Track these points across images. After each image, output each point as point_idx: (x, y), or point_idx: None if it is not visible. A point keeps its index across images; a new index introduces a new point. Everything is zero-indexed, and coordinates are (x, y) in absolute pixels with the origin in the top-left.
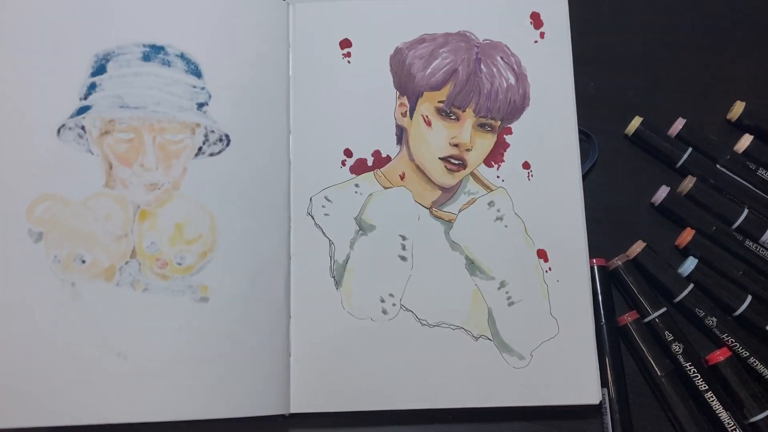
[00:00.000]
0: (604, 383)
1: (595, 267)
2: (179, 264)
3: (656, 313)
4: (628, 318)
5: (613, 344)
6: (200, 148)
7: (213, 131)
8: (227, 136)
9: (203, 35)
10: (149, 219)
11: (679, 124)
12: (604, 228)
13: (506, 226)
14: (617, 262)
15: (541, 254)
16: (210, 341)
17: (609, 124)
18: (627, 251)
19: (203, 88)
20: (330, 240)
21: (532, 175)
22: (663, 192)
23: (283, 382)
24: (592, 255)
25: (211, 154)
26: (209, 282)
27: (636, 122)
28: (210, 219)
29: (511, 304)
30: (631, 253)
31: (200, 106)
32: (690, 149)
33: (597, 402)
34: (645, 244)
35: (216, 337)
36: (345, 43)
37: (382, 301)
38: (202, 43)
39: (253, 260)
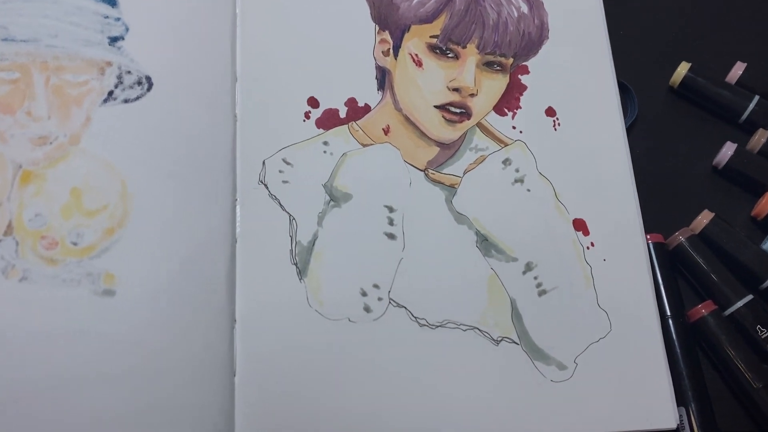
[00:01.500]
0: (680, 400)
1: (651, 245)
2: (75, 244)
3: (741, 302)
4: (702, 310)
5: (686, 346)
6: (111, 93)
7: (129, 72)
8: (148, 78)
9: None
10: (35, 182)
11: (738, 69)
12: (656, 199)
13: (529, 190)
14: (679, 237)
15: (579, 225)
16: (117, 351)
17: (647, 74)
18: (690, 224)
19: (118, 19)
20: (290, 215)
21: (558, 124)
22: (728, 150)
23: (224, 410)
24: (645, 231)
25: (126, 101)
26: (117, 269)
27: (683, 69)
28: (120, 184)
29: (542, 293)
30: (695, 226)
31: (113, 40)
32: (757, 97)
33: (674, 426)
34: (713, 214)
35: (126, 346)
36: None
37: (364, 294)
38: None
39: (181, 241)
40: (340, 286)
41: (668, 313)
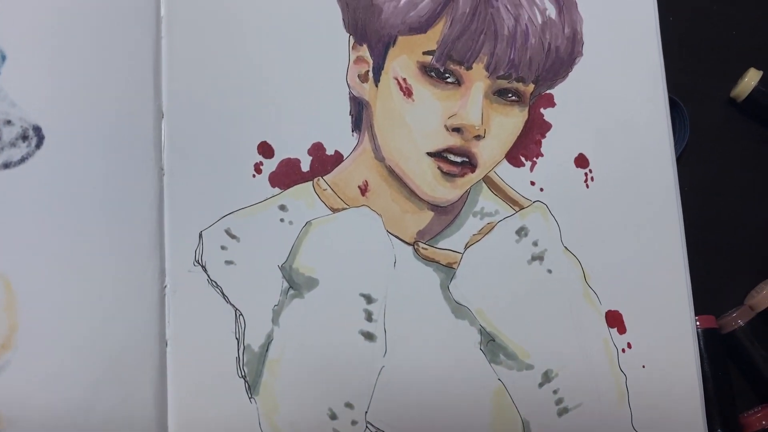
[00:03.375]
0: None
1: (699, 332)
2: None
3: None
4: (762, 421)
5: None
6: None
7: (9, 121)
8: (37, 129)
9: None
10: None
11: None
12: (706, 260)
13: (550, 272)
14: (737, 321)
15: (614, 320)
16: None
17: (704, 82)
18: (749, 300)
19: None
20: (236, 309)
21: (591, 179)
22: None
23: None
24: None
25: (6, 165)
26: (2, 406)
27: (752, 78)
28: (3, 287)
29: (563, 411)
30: (757, 303)
31: None
32: None
33: None
34: None
35: None
36: None
37: (334, 417)
38: None
39: (91, 356)
40: (303, 406)
41: (718, 429)
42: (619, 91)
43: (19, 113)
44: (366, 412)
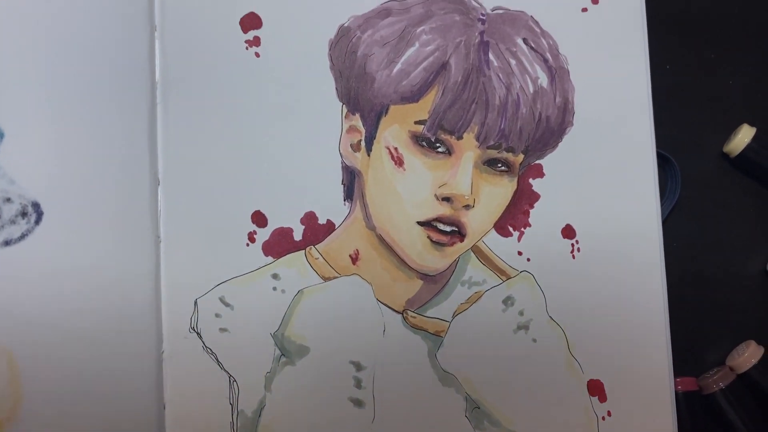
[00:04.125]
0: None
1: (680, 395)
2: None
3: None
4: None
5: None
6: None
7: (9, 199)
8: (36, 206)
9: None
10: None
11: None
12: (690, 317)
13: (535, 341)
14: (717, 383)
15: (595, 389)
16: None
17: (697, 136)
18: (730, 361)
19: None
20: (230, 376)
21: (578, 250)
22: None
23: None
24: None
25: (6, 243)
26: None
27: (745, 135)
28: (6, 361)
29: None
30: (738, 365)
31: None
32: None
33: None
34: (762, 349)
35: None
36: (251, 22)
37: None
38: None
39: (91, 425)
40: None
41: None
42: (608, 162)
43: (18, 190)
44: None
